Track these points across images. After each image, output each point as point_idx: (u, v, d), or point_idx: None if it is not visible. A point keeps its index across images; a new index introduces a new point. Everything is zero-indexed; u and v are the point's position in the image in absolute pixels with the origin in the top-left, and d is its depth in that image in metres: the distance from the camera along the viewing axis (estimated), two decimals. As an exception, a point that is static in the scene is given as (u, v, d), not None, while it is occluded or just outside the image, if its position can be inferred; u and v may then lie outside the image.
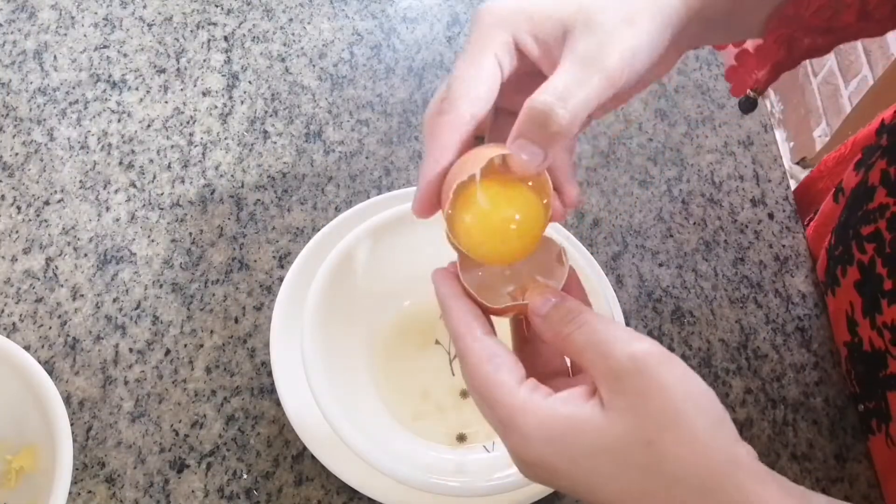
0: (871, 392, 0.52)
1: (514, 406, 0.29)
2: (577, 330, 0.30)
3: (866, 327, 0.51)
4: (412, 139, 0.60)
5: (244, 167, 0.58)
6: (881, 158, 0.50)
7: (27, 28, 0.62)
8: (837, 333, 0.56)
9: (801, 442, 0.52)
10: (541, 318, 0.31)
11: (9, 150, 0.57)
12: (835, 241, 0.56)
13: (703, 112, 0.65)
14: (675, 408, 0.27)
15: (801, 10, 0.36)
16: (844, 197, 0.57)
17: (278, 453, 0.48)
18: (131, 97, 0.60)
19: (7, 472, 0.44)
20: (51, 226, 0.54)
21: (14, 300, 0.52)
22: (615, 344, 0.28)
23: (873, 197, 0.50)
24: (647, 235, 0.59)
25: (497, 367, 0.30)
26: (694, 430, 0.26)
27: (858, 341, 0.52)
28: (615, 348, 0.28)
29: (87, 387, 0.49)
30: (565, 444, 0.28)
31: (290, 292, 0.49)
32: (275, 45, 0.64)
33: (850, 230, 0.53)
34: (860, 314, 0.52)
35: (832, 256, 0.56)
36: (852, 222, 0.53)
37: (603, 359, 0.28)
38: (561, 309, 0.31)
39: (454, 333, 0.31)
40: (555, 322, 0.31)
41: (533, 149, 0.31)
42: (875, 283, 0.50)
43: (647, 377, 0.27)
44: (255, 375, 0.51)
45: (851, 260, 0.53)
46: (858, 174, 0.55)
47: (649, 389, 0.27)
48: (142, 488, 0.47)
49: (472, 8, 0.67)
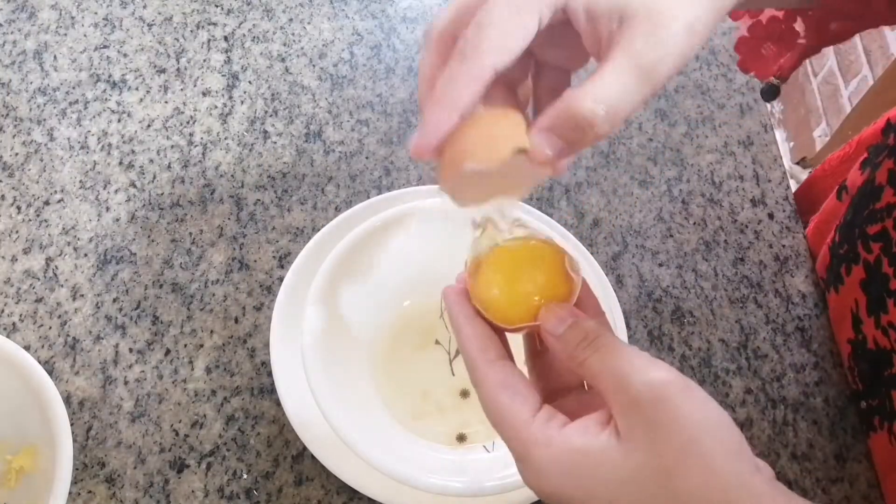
0: (875, 390, 0.52)
1: (529, 440, 0.29)
2: (594, 355, 0.29)
3: (871, 326, 0.51)
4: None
5: (244, 167, 0.58)
6: (888, 158, 0.50)
7: (27, 28, 0.62)
8: (840, 331, 0.56)
9: (801, 442, 0.52)
10: (556, 339, 0.31)
11: (9, 150, 0.57)
12: (839, 239, 0.56)
13: (703, 112, 0.65)
14: (693, 438, 0.26)
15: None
16: (848, 195, 0.57)
17: (278, 453, 0.48)
18: (131, 97, 0.60)
19: (7, 472, 0.44)
20: (51, 226, 0.54)
21: (14, 300, 0.52)
22: (632, 373, 0.28)
23: (880, 196, 0.50)
24: (647, 235, 0.59)
25: (512, 396, 0.29)
26: (711, 462, 0.26)
27: (862, 339, 0.52)
28: (632, 377, 0.27)
29: (87, 387, 0.49)
30: (581, 477, 0.28)
31: (290, 292, 0.49)
32: (275, 45, 0.64)
33: (856, 229, 0.53)
34: (865, 312, 0.52)
35: (836, 254, 0.56)
36: (858, 221, 0.53)
37: (620, 387, 0.28)
38: (577, 331, 0.30)
39: (468, 357, 0.31)
40: (570, 344, 0.30)
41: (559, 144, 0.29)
42: (881, 283, 0.50)
43: (664, 407, 0.27)
44: (255, 375, 0.51)
45: (857, 259, 0.52)
46: (864, 173, 0.55)
47: (666, 420, 0.27)
48: (142, 488, 0.47)
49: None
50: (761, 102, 0.66)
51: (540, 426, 0.29)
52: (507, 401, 0.29)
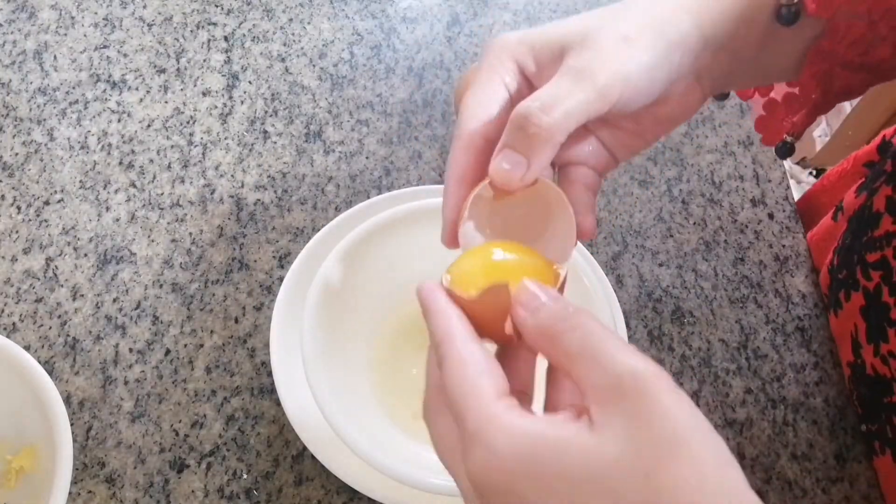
0: (875, 415, 0.51)
1: (486, 416, 0.25)
2: (571, 331, 0.26)
3: (870, 353, 0.50)
4: (412, 139, 0.60)
5: (244, 167, 0.58)
6: (886, 184, 0.49)
7: (27, 28, 0.62)
8: (841, 351, 0.55)
9: (801, 442, 0.52)
10: (528, 313, 0.27)
11: (9, 150, 0.57)
12: (838, 264, 0.55)
13: (703, 112, 0.65)
14: (680, 436, 0.23)
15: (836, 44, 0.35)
16: (844, 216, 0.56)
17: (278, 453, 0.48)
18: (131, 97, 0.60)
19: (7, 472, 0.44)
20: (51, 226, 0.54)
21: (14, 300, 0.52)
22: (615, 354, 0.24)
23: (879, 223, 0.49)
24: (647, 235, 0.59)
25: (479, 373, 0.26)
26: (700, 465, 0.22)
27: (861, 363, 0.52)
28: (615, 359, 0.24)
29: (87, 387, 0.49)
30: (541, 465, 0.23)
31: (290, 292, 0.49)
32: (275, 45, 0.64)
33: (854, 255, 0.52)
34: (864, 338, 0.51)
35: (835, 278, 0.55)
36: (857, 247, 0.52)
37: (599, 369, 0.24)
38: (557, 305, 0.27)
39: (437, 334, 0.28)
40: (544, 319, 0.27)
41: (515, 157, 0.30)
42: (881, 312, 0.49)
43: (650, 399, 0.23)
44: (255, 375, 0.51)
45: (857, 285, 0.52)
46: (860, 197, 0.54)
47: (651, 413, 0.23)
48: (142, 488, 0.47)
49: (472, 8, 0.67)
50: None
51: (504, 407, 0.25)
52: (474, 374, 0.26)
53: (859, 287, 0.51)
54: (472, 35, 0.66)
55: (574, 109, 0.30)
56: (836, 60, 0.36)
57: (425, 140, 0.60)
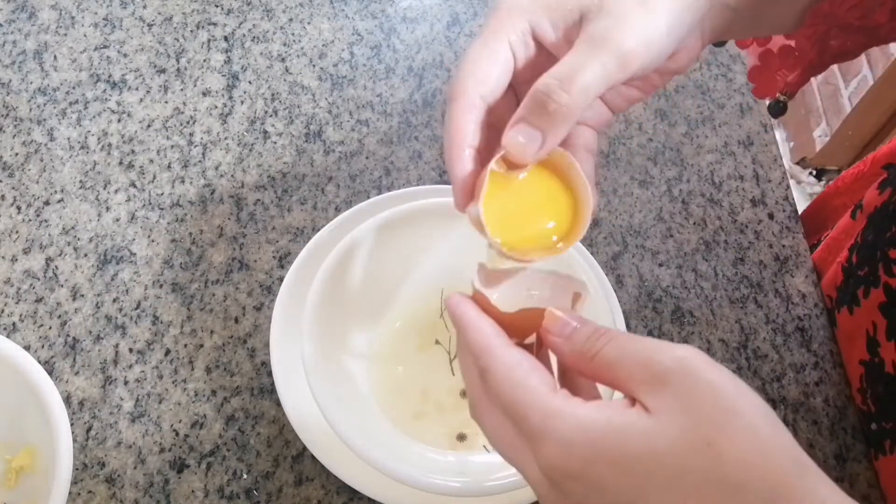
0: (890, 413, 0.51)
1: (551, 411, 0.26)
2: (608, 345, 0.28)
3: (890, 350, 0.50)
4: (412, 139, 0.60)
5: (244, 167, 0.58)
6: None
7: (27, 28, 0.62)
8: (851, 350, 0.55)
9: (801, 442, 0.52)
10: (562, 339, 0.29)
11: (9, 150, 0.57)
12: (857, 261, 0.54)
13: (703, 112, 0.65)
14: (731, 405, 0.24)
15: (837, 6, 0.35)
16: (864, 214, 0.56)
17: (278, 453, 0.48)
18: (131, 97, 0.60)
19: (7, 472, 0.44)
20: (51, 226, 0.54)
21: (14, 300, 0.52)
22: (655, 351, 0.26)
23: None
24: (647, 235, 0.59)
25: (528, 372, 0.28)
26: (755, 429, 0.24)
27: (879, 361, 0.51)
28: (656, 354, 0.26)
29: (87, 387, 0.49)
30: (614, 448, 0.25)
31: (290, 292, 0.49)
32: (275, 45, 0.64)
33: (877, 251, 0.52)
34: (883, 336, 0.50)
35: (852, 275, 0.55)
36: (879, 244, 0.52)
37: (643, 366, 0.26)
38: (586, 327, 0.29)
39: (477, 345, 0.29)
40: (578, 342, 0.29)
41: (531, 132, 0.30)
42: None
43: (695, 376, 0.25)
44: (255, 375, 0.51)
45: (877, 282, 0.51)
46: (883, 194, 0.54)
47: (699, 388, 0.25)
48: (142, 488, 0.47)
49: (472, 8, 0.67)
50: (761, 102, 0.66)
51: (562, 400, 0.27)
52: (524, 375, 0.28)
53: (880, 283, 0.51)
54: (472, 35, 0.66)
55: (595, 84, 0.30)
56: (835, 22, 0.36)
57: (425, 140, 0.60)
